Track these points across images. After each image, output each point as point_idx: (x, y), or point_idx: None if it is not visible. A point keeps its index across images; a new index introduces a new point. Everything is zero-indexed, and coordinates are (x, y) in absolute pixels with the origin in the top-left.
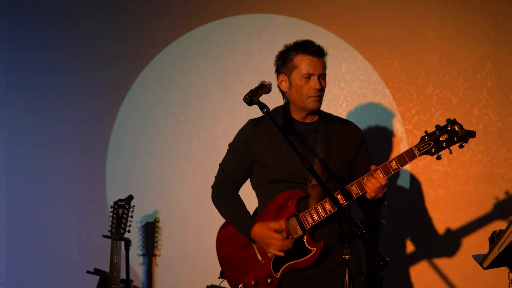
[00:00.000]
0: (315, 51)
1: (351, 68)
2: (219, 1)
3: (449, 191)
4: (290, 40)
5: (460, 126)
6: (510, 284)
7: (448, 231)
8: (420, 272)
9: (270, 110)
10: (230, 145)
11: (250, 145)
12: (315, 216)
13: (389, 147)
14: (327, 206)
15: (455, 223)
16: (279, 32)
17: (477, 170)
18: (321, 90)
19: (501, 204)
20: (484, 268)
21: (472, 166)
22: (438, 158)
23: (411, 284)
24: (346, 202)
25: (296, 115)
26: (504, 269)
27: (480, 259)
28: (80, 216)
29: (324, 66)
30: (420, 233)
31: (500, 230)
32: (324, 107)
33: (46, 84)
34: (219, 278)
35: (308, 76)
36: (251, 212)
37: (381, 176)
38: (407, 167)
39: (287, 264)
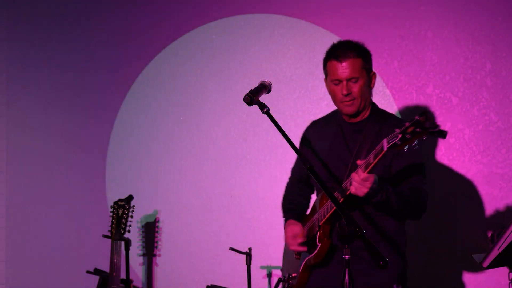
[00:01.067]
0: (339, 56)
1: None
2: (219, 1)
3: (450, 191)
4: (290, 40)
5: (426, 116)
6: (510, 284)
7: (448, 231)
8: (420, 272)
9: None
10: None
11: (304, 145)
12: (323, 212)
13: None
14: (330, 203)
15: (455, 223)
16: (279, 32)
17: (477, 170)
18: (349, 95)
19: (501, 204)
20: (484, 268)
21: (472, 166)
22: (404, 151)
23: (411, 284)
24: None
25: (344, 116)
26: (504, 269)
27: (480, 259)
28: (80, 216)
29: (353, 69)
30: (420, 233)
31: (500, 230)
32: (324, 107)
33: (45, 84)
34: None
35: (337, 82)
36: None
37: (361, 170)
38: None
39: (305, 259)
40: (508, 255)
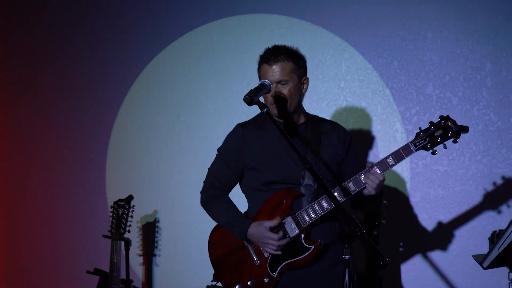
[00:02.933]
0: (269, 59)
1: (351, 68)
2: (219, 1)
3: (449, 191)
4: (290, 40)
5: (454, 121)
6: (510, 284)
7: (448, 231)
8: (420, 272)
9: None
10: (219, 149)
11: (241, 149)
12: (312, 214)
13: (388, 147)
14: (324, 204)
15: (455, 223)
16: (279, 32)
17: (477, 170)
18: (276, 97)
19: (501, 204)
20: (484, 268)
21: (472, 166)
22: (434, 153)
23: (411, 284)
24: (343, 199)
25: (281, 120)
26: (504, 269)
27: (480, 259)
28: (80, 216)
29: (283, 73)
30: (420, 233)
31: (500, 230)
32: (324, 107)
33: (45, 84)
34: (212, 281)
35: None
36: None
37: (379, 172)
38: (407, 167)
39: (284, 264)
40: (508, 255)
